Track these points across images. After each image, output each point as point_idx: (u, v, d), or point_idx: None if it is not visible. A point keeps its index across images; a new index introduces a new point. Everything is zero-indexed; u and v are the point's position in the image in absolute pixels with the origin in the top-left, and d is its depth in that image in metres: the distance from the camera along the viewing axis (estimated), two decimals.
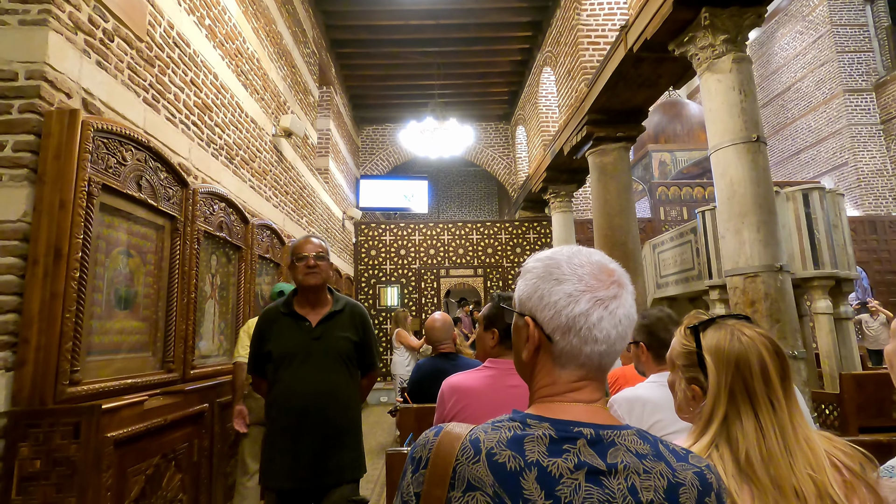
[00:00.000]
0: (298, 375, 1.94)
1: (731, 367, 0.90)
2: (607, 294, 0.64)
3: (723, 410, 0.89)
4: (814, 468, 0.84)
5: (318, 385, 1.94)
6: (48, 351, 1.77)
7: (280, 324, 2.01)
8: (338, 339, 2.00)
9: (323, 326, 1.99)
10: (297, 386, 1.93)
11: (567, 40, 6.35)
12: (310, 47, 6.52)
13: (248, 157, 4.05)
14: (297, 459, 1.90)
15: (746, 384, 0.89)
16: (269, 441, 1.99)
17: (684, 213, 8.71)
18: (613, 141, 5.36)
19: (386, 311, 9.09)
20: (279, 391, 1.95)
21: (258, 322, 2.07)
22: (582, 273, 0.65)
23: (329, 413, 1.95)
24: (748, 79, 3.32)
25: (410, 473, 0.63)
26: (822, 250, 4.30)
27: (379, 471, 4.54)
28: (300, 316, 2.01)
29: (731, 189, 3.24)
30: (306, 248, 2.03)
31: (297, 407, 1.92)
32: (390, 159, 10.85)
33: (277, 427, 1.96)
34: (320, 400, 1.93)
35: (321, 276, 2.02)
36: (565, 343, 0.64)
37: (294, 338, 1.97)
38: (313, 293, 2.02)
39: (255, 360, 2.06)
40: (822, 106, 11.04)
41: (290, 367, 1.95)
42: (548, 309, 0.65)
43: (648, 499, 0.57)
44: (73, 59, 2.05)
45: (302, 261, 2.00)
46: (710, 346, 0.94)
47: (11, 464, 1.68)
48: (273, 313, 2.05)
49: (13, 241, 1.79)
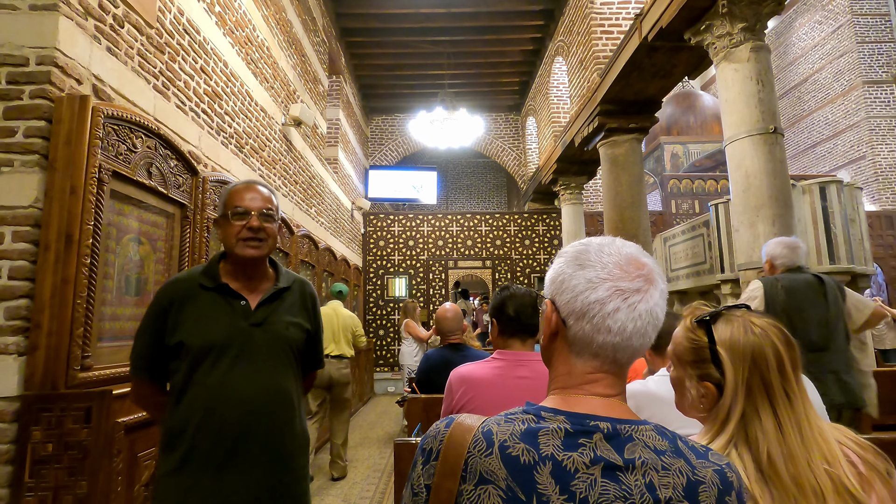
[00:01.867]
0: (232, 378, 1.33)
1: (747, 361, 0.87)
2: (630, 286, 0.62)
3: (740, 408, 0.86)
4: (829, 461, 0.81)
5: (261, 391, 1.35)
6: (60, 336, 1.78)
7: (200, 301, 1.38)
8: (287, 326, 1.44)
9: (266, 308, 1.42)
10: (232, 392, 1.32)
11: (580, 29, 6.25)
12: (320, 36, 6.48)
13: (257, 145, 4.04)
14: None
15: (763, 378, 0.86)
16: (173, 484, 1.29)
17: (696, 206, 8.60)
18: (626, 132, 5.28)
19: (394, 302, 9.12)
20: (198, 402, 1.31)
21: (157, 296, 1.40)
22: (607, 261, 0.63)
23: (279, 432, 1.36)
24: (766, 68, 3.24)
25: (421, 465, 0.62)
26: (839, 245, 4.22)
27: (386, 460, 4.57)
28: (234, 292, 1.40)
29: (747, 181, 3.18)
30: (247, 200, 1.41)
31: (231, 425, 1.30)
32: (399, 150, 10.81)
33: (194, 458, 1.29)
34: (266, 413, 1.35)
35: (266, 246, 1.42)
36: (578, 329, 0.63)
37: (223, 323, 1.36)
38: (251, 264, 1.44)
39: (149, 354, 1.38)
40: (840, 98, 10.81)
41: (216, 365, 1.33)
42: (566, 293, 0.63)
43: (667, 496, 0.55)
44: (84, 44, 2.05)
45: (241, 218, 1.40)
46: (724, 341, 0.89)
47: (24, 447, 1.70)
48: (186, 285, 1.40)
49: (25, 226, 1.79)
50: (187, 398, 1.33)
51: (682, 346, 0.96)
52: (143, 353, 1.39)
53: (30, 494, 1.67)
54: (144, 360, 1.39)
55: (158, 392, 1.41)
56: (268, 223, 1.42)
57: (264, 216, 1.42)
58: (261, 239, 1.41)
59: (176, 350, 1.35)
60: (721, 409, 0.88)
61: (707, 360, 0.91)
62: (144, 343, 1.39)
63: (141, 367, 1.39)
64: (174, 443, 1.31)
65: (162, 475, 1.33)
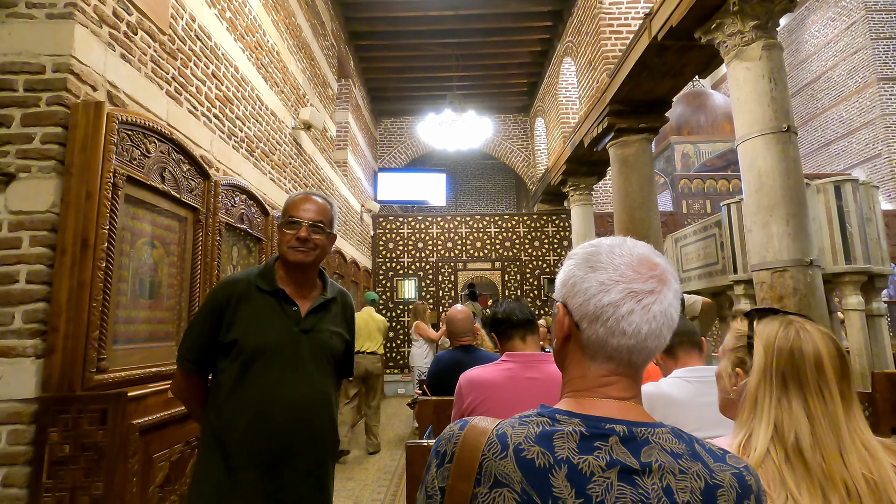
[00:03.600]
0: (283, 381, 1.37)
1: (783, 353, 0.88)
2: (643, 287, 0.61)
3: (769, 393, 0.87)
4: (872, 472, 0.80)
5: (309, 396, 1.40)
6: (76, 339, 1.81)
7: (255, 303, 1.42)
8: (331, 336, 1.50)
9: (314, 317, 1.48)
10: (282, 395, 1.36)
11: (588, 29, 6.22)
12: (329, 40, 6.53)
13: (268, 149, 4.08)
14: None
15: (799, 371, 0.86)
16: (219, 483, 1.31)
17: (708, 206, 8.51)
18: (635, 132, 5.25)
19: (404, 304, 9.13)
20: (250, 402, 1.34)
21: (216, 292, 1.45)
22: (619, 263, 0.62)
23: (322, 436, 1.43)
24: (779, 66, 3.20)
25: (435, 468, 0.61)
26: (855, 244, 4.15)
27: (397, 462, 4.57)
28: (288, 298, 1.45)
29: (759, 181, 3.14)
30: (301, 210, 1.47)
31: (281, 426, 1.34)
32: (408, 152, 10.84)
33: (244, 458, 1.32)
34: (312, 417, 1.40)
35: (313, 254, 1.48)
36: (591, 332, 0.62)
37: (277, 327, 1.41)
38: (301, 271, 1.49)
39: (200, 349, 1.41)
40: (854, 95, 10.64)
41: (268, 367, 1.37)
42: (579, 296, 0.63)
43: (685, 500, 0.55)
44: (99, 51, 2.08)
45: (292, 227, 1.46)
46: (762, 332, 0.92)
47: (42, 448, 1.72)
48: (244, 285, 1.44)
49: (42, 231, 1.82)
50: (238, 398, 1.36)
51: (727, 337, 1.02)
52: (193, 347, 1.42)
53: (47, 495, 1.69)
54: (193, 354, 1.42)
55: (201, 386, 1.46)
56: (316, 234, 1.48)
57: (313, 228, 1.48)
58: (305, 249, 1.46)
59: (228, 348, 1.39)
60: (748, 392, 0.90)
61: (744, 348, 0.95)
62: (196, 337, 1.43)
63: (190, 359, 1.43)
64: (222, 442, 1.34)
65: (206, 473, 1.35)
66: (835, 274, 4.19)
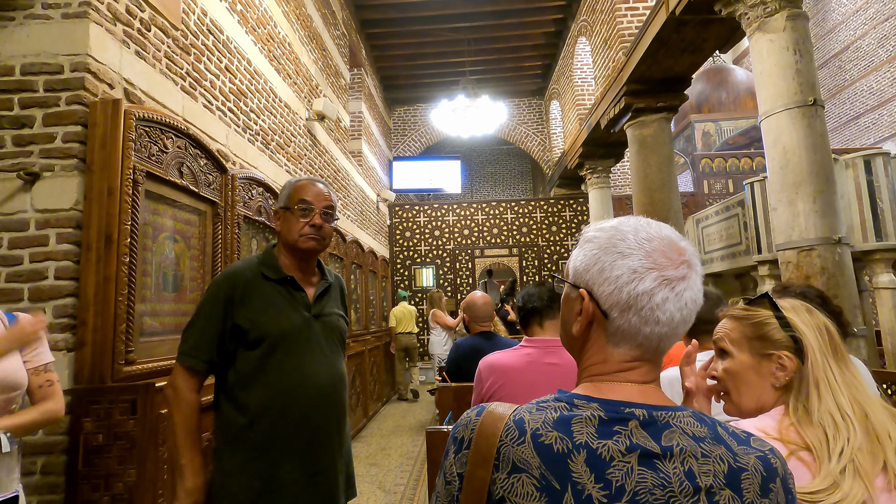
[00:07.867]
0: (305, 365, 1.38)
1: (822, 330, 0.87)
2: (676, 274, 0.59)
3: (832, 373, 0.85)
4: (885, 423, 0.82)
5: (330, 377, 1.42)
6: (104, 332, 1.86)
7: (264, 292, 1.39)
8: (338, 318, 1.52)
9: (321, 301, 1.48)
10: (307, 379, 1.37)
11: (603, 7, 6.06)
12: (340, 29, 6.50)
13: (282, 141, 4.10)
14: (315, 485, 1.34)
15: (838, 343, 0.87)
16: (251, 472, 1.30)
17: (730, 185, 8.30)
18: (654, 112, 5.12)
19: (422, 292, 9.17)
20: (275, 389, 1.34)
21: (219, 284, 1.39)
22: (650, 248, 0.60)
23: (344, 416, 1.47)
24: (804, 37, 3.07)
25: (453, 454, 0.61)
26: (886, 220, 4.01)
27: (419, 447, 4.63)
28: (297, 284, 1.44)
29: (785, 157, 3.04)
30: (312, 196, 1.45)
31: (309, 410, 1.36)
32: (422, 140, 10.78)
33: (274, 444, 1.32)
34: (335, 397, 1.43)
35: (324, 242, 1.47)
36: (623, 321, 0.60)
37: (291, 313, 1.39)
38: (308, 259, 1.48)
39: (204, 346, 1.34)
40: (885, 65, 10.17)
41: (289, 353, 1.36)
42: (608, 283, 0.60)
43: (707, 484, 0.54)
44: (114, 49, 2.10)
45: (306, 214, 1.43)
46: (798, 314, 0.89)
47: (77, 437, 1.79)
48: (248, 275, 1.40)
49: (68, 228, 1.87)
50: (260, 386, 1.34)
51: (737, 331, 0.93)
52: (196, 345, 1.34)
53: (84, 482, 1.77)
54: (206, 352, 1.34)
55: (195, 389, 1.35)
56: (327, 221, 1.47)
57: (325, 214, 1.46)
58: (319, 236, 1.44)
59: (241, 338, 1.35)
60: (809, 376, 0.85)
61: (771, 336, 0.89)
62: (199, 336, 1.35)
63: (204, 359, 1.34)
64: (250, 432, 1.31)
65: (233, 466, 1.30)
66: (864, 252, 4.06)
